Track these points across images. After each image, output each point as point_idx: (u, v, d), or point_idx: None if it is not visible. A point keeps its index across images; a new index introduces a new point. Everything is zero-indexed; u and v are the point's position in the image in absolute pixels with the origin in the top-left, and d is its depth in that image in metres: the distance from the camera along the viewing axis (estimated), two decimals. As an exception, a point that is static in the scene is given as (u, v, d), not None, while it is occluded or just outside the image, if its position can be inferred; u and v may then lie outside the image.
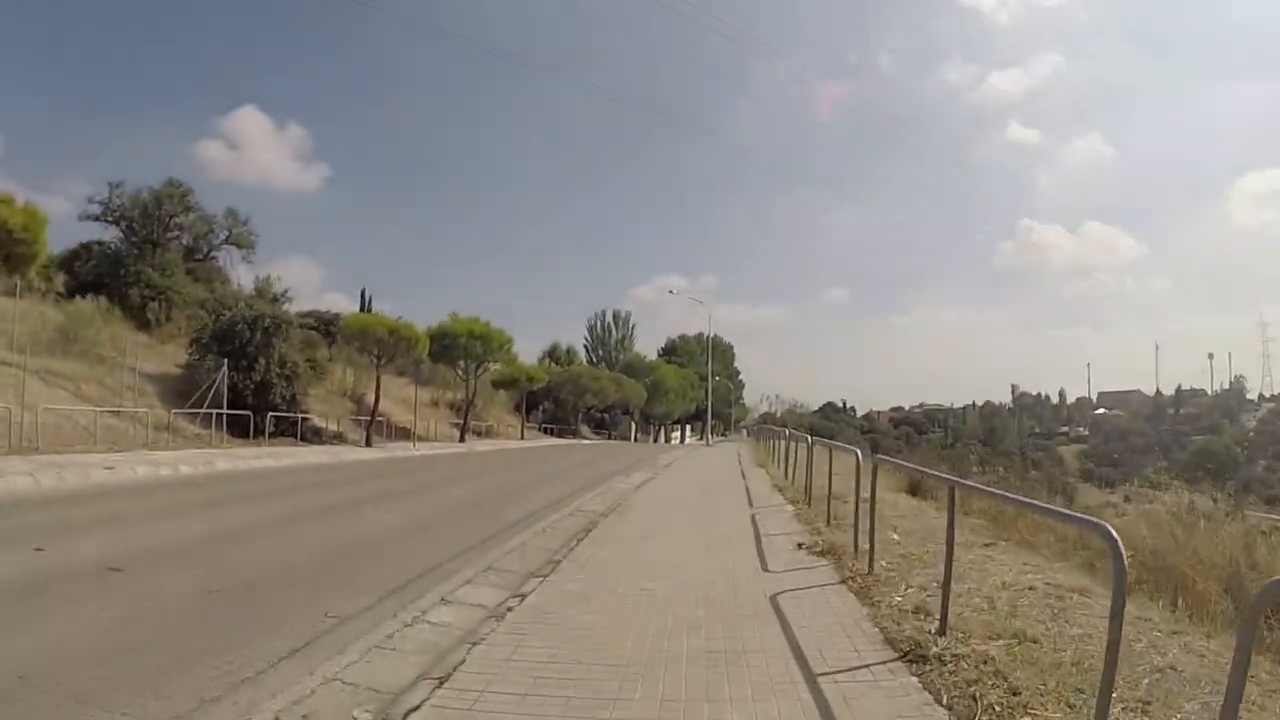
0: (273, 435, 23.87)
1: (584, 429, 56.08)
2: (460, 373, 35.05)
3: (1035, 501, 4.93)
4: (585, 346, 71.29)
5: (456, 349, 33.05)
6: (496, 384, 43.20)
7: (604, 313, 72.49)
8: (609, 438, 56.73)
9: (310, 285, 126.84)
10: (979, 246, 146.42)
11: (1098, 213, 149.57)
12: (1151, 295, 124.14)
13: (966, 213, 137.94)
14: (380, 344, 27.31)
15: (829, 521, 8.10)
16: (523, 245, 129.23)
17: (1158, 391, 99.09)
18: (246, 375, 23.44)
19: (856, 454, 6.83)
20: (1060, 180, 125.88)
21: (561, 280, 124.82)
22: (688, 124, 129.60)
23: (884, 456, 7.11)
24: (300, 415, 25.29)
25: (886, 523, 6.80)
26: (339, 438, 27.69)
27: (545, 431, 50.33)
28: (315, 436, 26.56)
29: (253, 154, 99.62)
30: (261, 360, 23.79)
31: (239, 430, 22.76)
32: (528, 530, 8.37)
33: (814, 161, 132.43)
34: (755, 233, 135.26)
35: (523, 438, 42.30)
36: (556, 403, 52.46)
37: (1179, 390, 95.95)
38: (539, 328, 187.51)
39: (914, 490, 12.97)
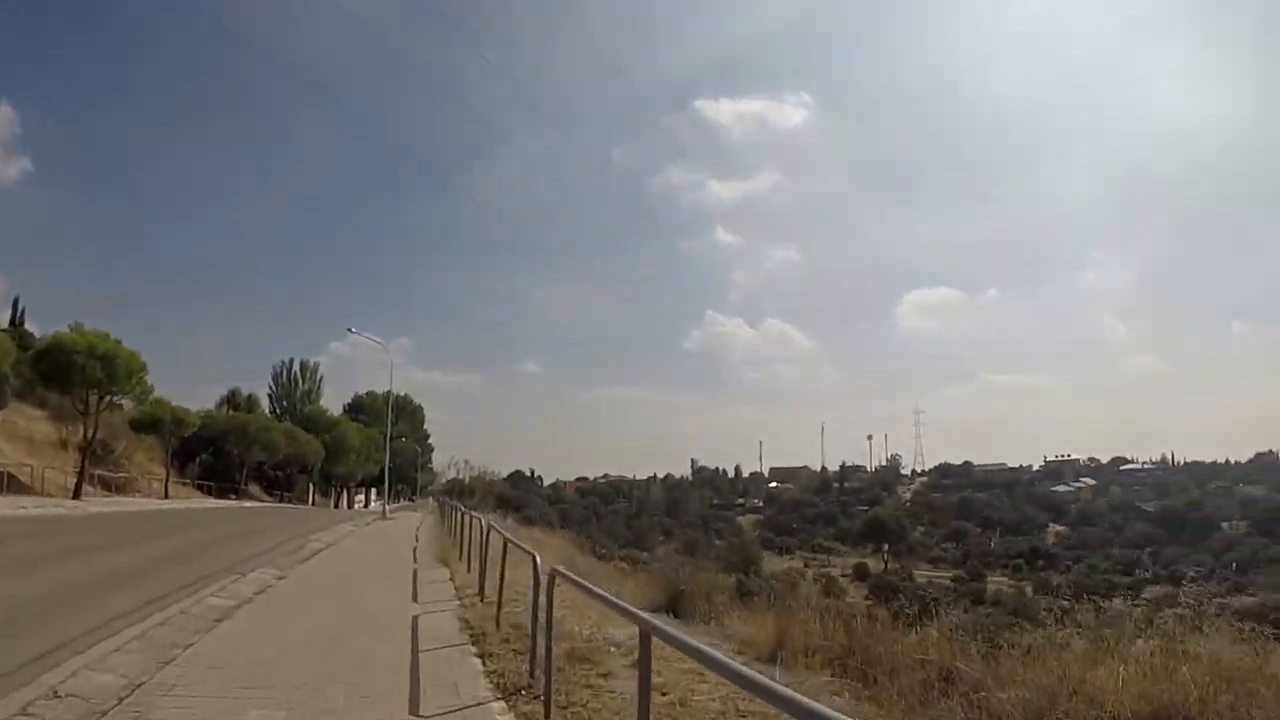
0: None
1: (254, 488, 50.57)
2: (79, 403, 28.20)
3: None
4: (269, 396, 65.46)
5: (73, 371, 26.30)
6: (136, 425, 37.00)
7: (291, 361, 67.33)
8: (282, 499, 51.84)
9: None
10: (671, 332, 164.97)
11: (779, 312, 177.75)
12: (820, 383, 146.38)
13: (663, 301, 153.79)
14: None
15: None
16: (232, 281, 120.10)
17: (823, 468, 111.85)
18: None
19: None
20: (751, 280, 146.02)
21: (263, 325, 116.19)
22: (416, 180, 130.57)
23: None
24: None
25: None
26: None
27: (202, 489, 44.27)
28: None
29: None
30: None
31: None
32: None
33: (528, 237, 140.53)
34: (457, 299, 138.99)
35: (166, 496, 36.47)
36: (218, 455, 46.85)
37: (843, 466, 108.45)
38: (233, 373, 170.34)
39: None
